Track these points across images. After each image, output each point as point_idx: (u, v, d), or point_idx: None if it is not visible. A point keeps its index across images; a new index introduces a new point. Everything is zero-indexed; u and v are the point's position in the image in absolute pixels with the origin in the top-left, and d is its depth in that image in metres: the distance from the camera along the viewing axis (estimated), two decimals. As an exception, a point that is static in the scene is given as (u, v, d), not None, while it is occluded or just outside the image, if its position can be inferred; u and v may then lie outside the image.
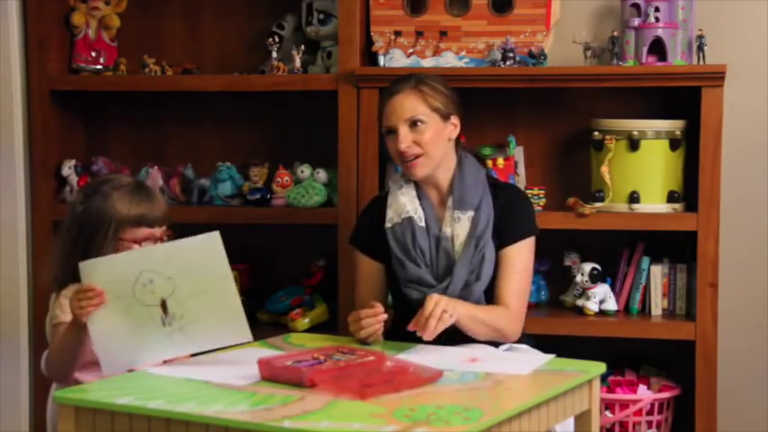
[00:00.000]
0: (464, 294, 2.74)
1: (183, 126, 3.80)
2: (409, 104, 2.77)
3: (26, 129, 3.70)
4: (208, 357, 2.49)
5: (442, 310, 2.55)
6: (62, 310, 2.52)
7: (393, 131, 2.78)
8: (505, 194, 2.84)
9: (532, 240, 2.83)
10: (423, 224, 2.80)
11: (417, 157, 2.76)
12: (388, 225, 2.83)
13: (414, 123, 2.76)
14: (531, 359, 2.50)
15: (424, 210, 2.82)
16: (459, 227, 2.78)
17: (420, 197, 2.83)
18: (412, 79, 2.81)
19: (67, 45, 3.73)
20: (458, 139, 2.86)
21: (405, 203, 2.82)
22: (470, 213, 2.78)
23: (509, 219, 2.80)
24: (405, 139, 2.76)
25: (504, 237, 2.79)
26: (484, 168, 2.91)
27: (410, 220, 2.80)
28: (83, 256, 2.46)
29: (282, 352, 2.49)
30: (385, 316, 2.63)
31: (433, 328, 2.53)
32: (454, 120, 2.82)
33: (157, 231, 2.58)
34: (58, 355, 2.50)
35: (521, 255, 2.80)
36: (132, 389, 2.20)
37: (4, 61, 3.65)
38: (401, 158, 2.78)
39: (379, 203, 2.91)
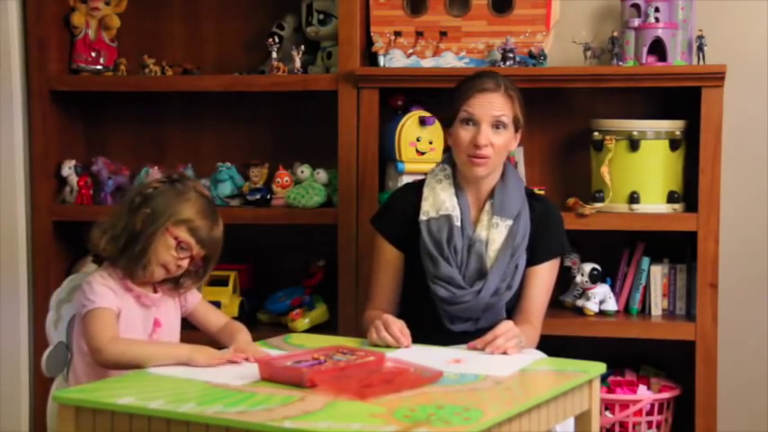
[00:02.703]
0: (493, 301, 2.77)
1: (183, 126, 3.80)
2: (500, 105, 2.77)
3: (26, 129, 3.70)
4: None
5: (514, 335, 2.54)
6: (99, 297, 2.53)
7: (474, 123, 2.76)
8: (542, 209, 2.87)
9: (560, 258, 2.90)
10: (459, 224, 2.79)
11: (486, 157, 2.76)
12: (422, 218, 2.82)
13: (497, 125, 2.76)
14: (515, 360, 2.49)
15: (460, 209, 2.81)
16: (496, 233, 2.79)
17: (457, 195, 2.83)
18: (501, 81, 2.79)
19: (67, 45, 3.73)
20: None
21: (444, 200, 2.81)
22: (509, 222, 2.79)
23: (543, 235, 2.83)
24: (486, 135, 2.74)
25: (536, 254, 2.83)
26: (523, 181, 2.92)
27: (448, 218, 2.79)
28: (135, 231, 2.55)
29: (282, 352, 2.49)
30: (406, 345, 2.60)
31: (501, 348, 2.52)
32: (518, 134, 2.83)
33: (196, 249, 2.60)
34: (144, 360, 2.44)
35: (549, 274, 2.85)
36: (132, 389, 2.20)
37: (4, 61, 3.65)
38: (471, 151, 2.76)
39: (412, 193, 2.89)
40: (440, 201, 2.82)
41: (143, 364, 2.44)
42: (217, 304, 3.39)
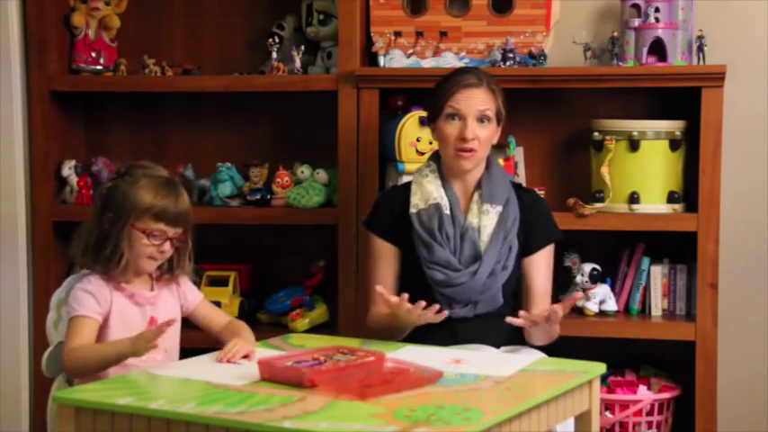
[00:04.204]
0: (489, 282, 2.81)
1: (183, 126, 3.80)
2: (484, 99, 2.84)
3: (26, 129, 3.70)
4: (208, 357, 2.49)
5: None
6: (80, 305, 2.53)
7: (460, 118, 2.82)
8: (529, 198, 2.95)
9: (554, 245, 2.97)
10: (448, 212, 2.85)
11: (473, 150, 2.82)
12: (413, 210, 2.87)
13: (482, 119, 2.82)
14: (515, 360, 2.50)
15: (448, 199, 2.87)
16: (487, 219, 2.85)
17: (444, 187, 2.89)
18: (483, 77, 2.87)
19: (67, 45, 3.73)
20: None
21: (431, 191, 2.87)
22: (498, 208, 2.86)
23: (536, 224, 2.90)
24: (473, 129, 2.81)
25: (531, 243, 2.89)
26: (507, 173, 3.00)
27: (437, 206, 2.85)
28: (104, 235, 2.55)
29: (282, 352, 2.49)
30: (423, 303, 2.64)
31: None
32: (499, 127, 2.89)
33: (170, 231, 2.57)
34: (97, 364, 2.47)
35: (548, 260, 2.94)
36: (132, 389, 2.20)
37: (4, 61, 3.65)
38: (458, 145, 2.82)
39: (399, 190, 2.97)
40: (427, 192, 2.87)
41: (98, 368, 2.46)
42: (217, 304, 3.37)
